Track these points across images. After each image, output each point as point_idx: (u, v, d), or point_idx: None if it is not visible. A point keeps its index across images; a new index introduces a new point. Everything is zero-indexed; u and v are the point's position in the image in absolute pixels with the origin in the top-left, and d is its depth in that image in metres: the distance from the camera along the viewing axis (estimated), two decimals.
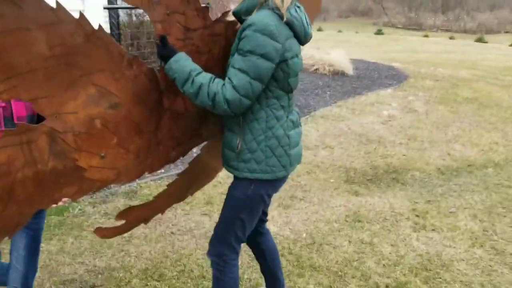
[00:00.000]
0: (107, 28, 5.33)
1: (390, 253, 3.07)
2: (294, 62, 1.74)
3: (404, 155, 4.97)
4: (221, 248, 1.94)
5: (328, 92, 7.75)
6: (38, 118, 1.83)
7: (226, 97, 1.62)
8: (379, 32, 28.92)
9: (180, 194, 2.25)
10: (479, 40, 24.41)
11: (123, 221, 2.01)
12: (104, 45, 1.53)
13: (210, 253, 1.98)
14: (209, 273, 2.76)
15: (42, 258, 2.79)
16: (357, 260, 2.97)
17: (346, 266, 2.90)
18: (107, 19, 5.42)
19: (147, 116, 1.74)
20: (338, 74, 9.32)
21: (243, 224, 1.91)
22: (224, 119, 1.84)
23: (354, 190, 4.08)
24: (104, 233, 1.98)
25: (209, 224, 3.35)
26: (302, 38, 1.77)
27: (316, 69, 9.56)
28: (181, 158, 2.01)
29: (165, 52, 1.66)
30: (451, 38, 25.95)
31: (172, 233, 3.20)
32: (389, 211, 3.67)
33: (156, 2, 1.64)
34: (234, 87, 1.62)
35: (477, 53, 14.87)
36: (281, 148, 1.79)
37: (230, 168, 1.85)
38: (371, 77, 9.04)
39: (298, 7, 1.78)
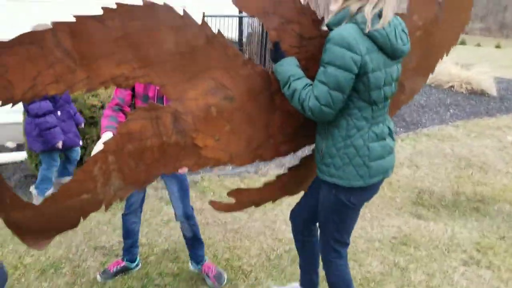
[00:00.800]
0: None
1: (419, 281, 2.78)
2: (376, 76, 1.74)
3: (504, 185, 4.32)
4: (326, 250, 2.07)
5: (451, 111, 7.08)
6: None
7: (309, 105, 1.74)
8: None
9: (292, 188, 2.37)
10: None
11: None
12: (222, 47, 1.79)
13: (321, 256, 2.14)
14: (221, 263, 2.89)
15: (89, 224, 3.26)
16: (377, 281, 2.77)
17: (361, 285, 2.73)
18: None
19: (259, 111, 1.96)
20: (477, 94, 8.42)
21: (336, 227, 1.99)
22: (316, 123, 1.97)
23: (418, 213, 3.72)
24: (218, 206, 2.23)
25: (245, 220, 3.46)
26: (389, 53, 1.76)
27: (451, 86, 8.78)
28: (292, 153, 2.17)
29: (276, 56, 1.85)
30: None
31: (207, 223, 3.40)
32: (447, 240, 3.28)
33: (271, 12, 1.82)
34: (315, 97, 1.72)
35: None
36: (359, 157, 1.82)
37: (317, 169, 1.97)
38: None
39: (395, 19, 1.79)
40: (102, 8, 1.57)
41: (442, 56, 2.49)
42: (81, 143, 3.59)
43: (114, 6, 1.58)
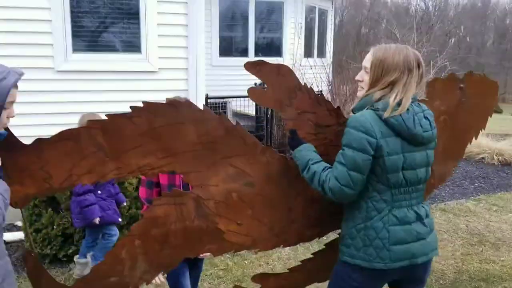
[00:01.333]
0: None
1: None
2: (392, 160, 1.80)
3: None
4: None
5: (476, 184, 6.78)
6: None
7: (330, 186, 1.81)
8: None
9: (322, 274, 2.31)
10: None
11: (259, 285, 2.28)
12: (241, 136, 1.96)
13: None
14: None
15: None
16: None
17: None
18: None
19: (280, 196, 2.06)
20: (510, 165, 8.08)
21: None
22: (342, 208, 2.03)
23: None
24: None
25: None
26: (408, 138, 1.83)
27: (482, 158, 8.49)
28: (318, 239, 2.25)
29: (293, 143, 1.99)
30: None
31: None
32: None
33: (288, 104, 2.00)
34: (335, 177, 1.80)
35: None
36: (379, 240, 1.84)
37: (339, 252, 1.99)
38: None
39: (417, 106, 1.89)
40: (131, 107, 1.80)
41: (470, 139, 2.57)
42: (120, 220, 3.77)
43: (141, 105, 1.80)
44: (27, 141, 1.77)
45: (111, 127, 1.80)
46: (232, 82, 7.96)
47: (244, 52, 9.82)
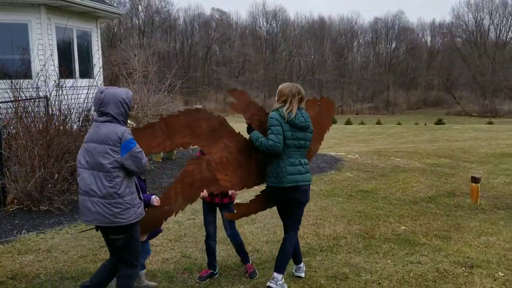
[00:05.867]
0: None
1: None
2: (286, 134, 3.75)
3: None
4: None
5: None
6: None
7: (268, 143, 3.68)
8: (439, 122, 33.17)
9: (264, 205, 4.20)
10: None
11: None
12: (227, 126, 3.77)
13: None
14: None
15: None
16: None
17: None
18: None
19: (245, 159, 3.87)
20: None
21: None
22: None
23: None
24: (230, 215, 4.08)
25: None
26: (292, 125, 3.78)
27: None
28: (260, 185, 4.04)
29: (249, 130, 3.85)
30: None
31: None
32: None
33: (246, 110, 3.83)
34: (270, 139, 3.69)
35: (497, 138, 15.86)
36: (281, 172, 3.80)
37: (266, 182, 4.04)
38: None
39: (299, 110, 3.83)
40: (178, 111, 3.59)
41: (325, 132, 4.57)
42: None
43: (182, 110, 3.62)
44: None
45: (168, 122, 3.49)
46: None
47: None
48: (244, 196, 6.17)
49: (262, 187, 4.07)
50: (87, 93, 7.73)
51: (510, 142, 14.61)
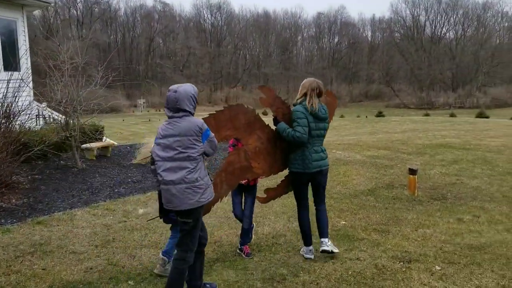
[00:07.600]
0: None
1: None
2: (311, 125, 4.27)
3: None
4: None
5: None
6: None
7: (296, 135, 4.17)
8: (379, 114, 35.97)
9: (287, 189, 4.75)
10: (480, 115, 27.76)
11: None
12: (260, 120, 4.31)
13: None
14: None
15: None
16: None
17: None
18: None
19: (273, 149, 4.38)
20: None
21: None
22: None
23: None
24: (262, 199, 4.71)
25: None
26: (315, 116, 4.31)
27: None
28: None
29: (275, 122, 4.36)
30: (451, 115, 30.22)
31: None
32: None
33: (272, 104, 4.35)
34: (297, 131, 4.18)
35: (440, 129, 16.87)
36: (307, 159, 4.33)
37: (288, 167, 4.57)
38: None
39: (319, 103, 4.37)
40: (224, 107, 4.07)
41: (331, 118, 4.92)
42: None
43: (227, 106, 4.10)
44: None
45: (216, 117, 3.96)
46: None
47: None
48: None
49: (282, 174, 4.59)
50: (7, 87, 7.15)
51: (445, 133, 15.13)
